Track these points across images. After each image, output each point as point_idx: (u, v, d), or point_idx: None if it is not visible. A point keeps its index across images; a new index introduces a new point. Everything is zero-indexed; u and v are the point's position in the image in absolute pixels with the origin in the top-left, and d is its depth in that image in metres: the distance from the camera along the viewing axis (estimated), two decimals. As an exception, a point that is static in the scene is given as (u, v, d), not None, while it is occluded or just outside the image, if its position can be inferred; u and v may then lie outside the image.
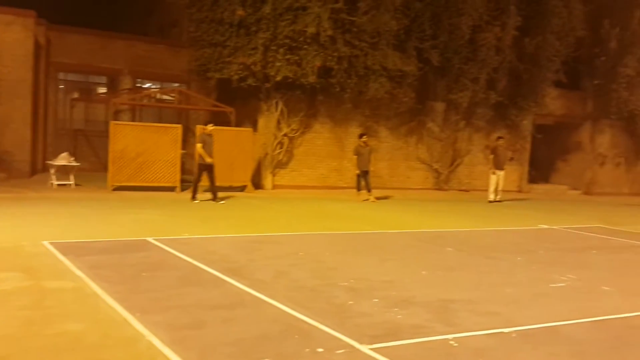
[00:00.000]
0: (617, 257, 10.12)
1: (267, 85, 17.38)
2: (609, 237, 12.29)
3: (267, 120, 18.22)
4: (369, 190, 16.47)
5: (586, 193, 24.46)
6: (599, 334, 5.56)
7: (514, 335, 5.31)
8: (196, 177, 14.45)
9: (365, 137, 17.04)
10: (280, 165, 18.57)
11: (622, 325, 5.92)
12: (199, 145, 14.19)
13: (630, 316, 6.20)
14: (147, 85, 22.10)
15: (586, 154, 24.91)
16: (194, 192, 14.32)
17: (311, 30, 16.34)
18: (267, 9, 16.52)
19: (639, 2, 22.74)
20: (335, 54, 17.03)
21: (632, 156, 25.39)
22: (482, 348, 4.96)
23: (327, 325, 5.20)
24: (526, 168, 23.35)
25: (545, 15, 20.68)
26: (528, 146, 23.25)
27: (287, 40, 16.61)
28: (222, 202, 14.20)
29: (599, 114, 24.29)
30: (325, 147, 19.28)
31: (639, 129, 24.22)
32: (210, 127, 14.52)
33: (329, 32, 16.58)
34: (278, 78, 16.81)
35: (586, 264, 9.24)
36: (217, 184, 14.51)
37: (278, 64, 16.66)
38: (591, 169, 24.88)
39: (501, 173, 18.48)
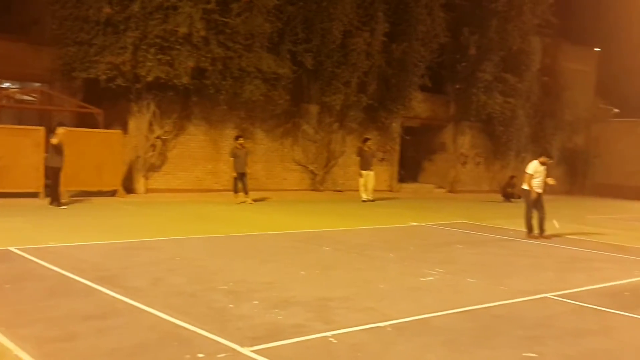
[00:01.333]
0: (480, 250, 10.85)
1: (138, 85, 16.77)
2: (472, 232, 13.17)
3: (139, 122, 17.59)
4: (246, 193, 16.42)
5: (450, 191, 25.97)
6: (467, 324, 5.94)
7: (389, 328, 5.55)
8: (51, 180, 13.75)
9: (241, 139, 16.96)
10: (153, 168, 18.01)
11: (487, 314, 6.36)
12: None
13: (494, 305, 6.68)
14: (5, 85, 20.54)
15: (450, 154, 26.44)
16: (56, 197, 13.57)
17: (183, 30, 16.02)
18: (135, 7, 15.94)
19: (495, 12, 24.43)
20: (209, 55, 16.81)
21: (491, 156, 27.29)
22: (360, 343, 5.13)
23: (207, 330, 5.13)
24: (396, 168, 24.35)
25: (411, 22, 21.71)
26: (397, 147, 24.27)
27: (158, 40, 16.15)
28: (64, 207, 13.53)
29: (461, 116, 25.86)
30: (200, 150, 18.94)
31: (497, 130, 26.06)
32: (61, 130, 13.85)
33: (202, 33, 16.34)
34: (149, 78, 16.29)
35: (453, 258, 9.83)
36: (85, 188, 13.82)
37: (149, 64, 16.14)
38: (454, 168, 26.45)
39: (369, 173, 19.08)
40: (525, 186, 12.53)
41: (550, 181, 12.48)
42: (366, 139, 20.01)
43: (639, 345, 5.58)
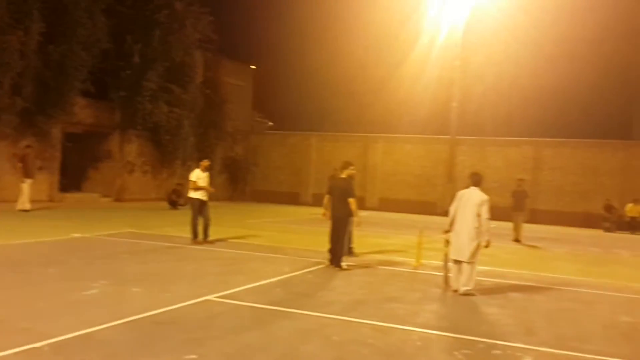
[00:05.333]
0: (146, 258, 10.87)
1: None
2: (139, 241, 13.09)
3: None
4: None
5: (117, 200, 25.36)
6: (131, 334, 5.93)
7: (46, 348, 5.23)
8: None
9: None
10: None
11: (150, 322, 6.44)
12: None
13: (157, 313, 6.79)
14: None
15: (116, 162, 25.83)
16: None
17: None
18: None
19: (158, 22, 24.73)
20: None
21: (158, 164, 27.46)
22: (13, 369, 4.73)
23: None
24: (57, 177, 22.79)
25: (71, 24, 20.64)
26: (58, 154, 22.75)
27: None
28: None
29: (127, 124, 25.47)
30: None
31: (163, 139, 26.36)
32: None
33: None
34: None
35: (118, 268, 9.66)
36: None
37: None
38: (121, 177, 25.92)
39: (31, 181, 17.76)
40: (190, 194, 13.03)
41: (209, 188, 13.17)
42: (28, 146, 18.43)
43: (287, 337, 6.27)
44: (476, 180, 9.34)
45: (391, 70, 32.74)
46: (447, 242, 9.33)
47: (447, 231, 9.24)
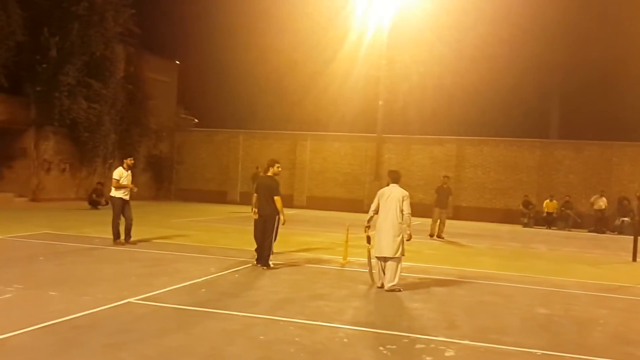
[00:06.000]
0: (64, 260, 10.43)
1: None
2: (56, 242, 12.55)
3: None
4: None
5: (33, 200, 24.21)
6: (47, 339, 5.66)
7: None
8: None
9: None
10: None
11: (68, 326, 6.16)
12: None
13: (76, 316, 6.52)
14: None
15: (32, 160, 24.63)
16: None
17: None
18: None
19: (77, 15, 23.76)
20: None
21: (77, 162, 26.39)
22: None
23: None
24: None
25: (-18, 15, 19.56)
26: (-33, 153, 21.52)
27: None
28: None
29: (43, 120, 24.32)
30: None
31: (82, 136, 25.37)
32: None
33: None
34: None
35: (33, 271, 9.22)
36: None
37: None
38: (37, 176, 24.76)
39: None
40: (112, 192, 12.61)
41: (132, 186, 12.78)
42: None
43: (212, 338, 6.15)
44: (395, 177, 9.50)
45: (320, 68, 32.87)
46: (369, 238, 9.43)
47: (367, 227, 9.35)
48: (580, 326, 7.54)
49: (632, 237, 15.07)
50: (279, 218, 10.64)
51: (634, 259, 14.45)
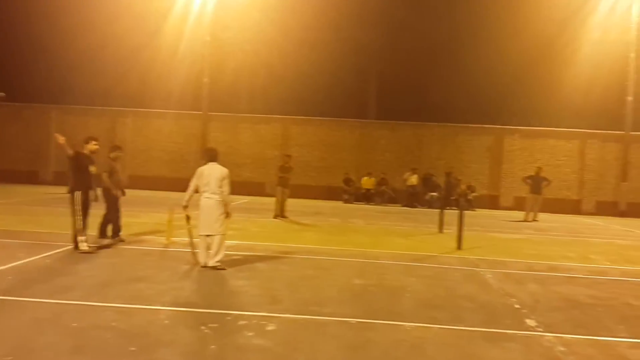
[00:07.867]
0: None
1: None
2: None
3: None
4: None
5: None
6: None
7: None
8: None
9: None
10: None
11: None
12: None
13: None
14: None
15: None
16: None
17: None
18: None
19: None
20: None
21: None
22: None
23: None
24: None
25: None
26: None
27: None
28: None
29: None
30: None
31: None
32: None
33: None
34: None
35: None
36: None
37: None
38: None
39: None
40: None
41: None
42: None
43: (19, 328, 5.69)
44: (212, 155, 9.46)
45: (144, 42, 31.32)
46: (188, 217, 9.33)
47: (186, 206, 9.22)
48: (392, 294, 8.12)
49: (439, 210, 16.56)
50: (76, 194, 9.86)
51: (440, 231, 15.85)
